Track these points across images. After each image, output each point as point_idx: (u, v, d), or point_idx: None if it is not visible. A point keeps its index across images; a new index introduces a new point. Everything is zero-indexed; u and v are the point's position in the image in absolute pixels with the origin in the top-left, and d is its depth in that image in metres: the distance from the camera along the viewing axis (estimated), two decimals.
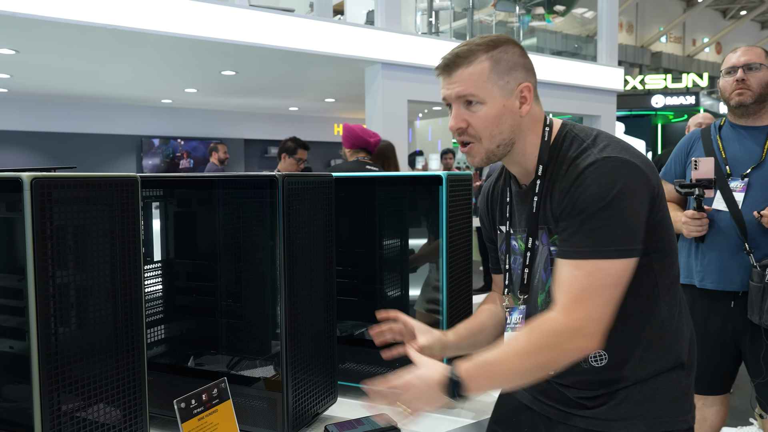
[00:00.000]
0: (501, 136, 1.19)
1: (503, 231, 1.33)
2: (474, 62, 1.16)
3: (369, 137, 3.56)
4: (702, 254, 2.28)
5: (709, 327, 2.29)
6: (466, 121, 1.18)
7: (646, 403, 1.17)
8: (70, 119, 10.50)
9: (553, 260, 1.17)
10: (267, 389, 1.35)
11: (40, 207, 0.94)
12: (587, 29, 10.26)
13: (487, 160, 1.21)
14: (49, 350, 0.95)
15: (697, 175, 2.15)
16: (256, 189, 1.48)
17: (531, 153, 1.22)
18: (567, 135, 1.20)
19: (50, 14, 4.66)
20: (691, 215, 2.20)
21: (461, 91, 1.17)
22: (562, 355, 1.09)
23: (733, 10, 29.40)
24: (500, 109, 1.17)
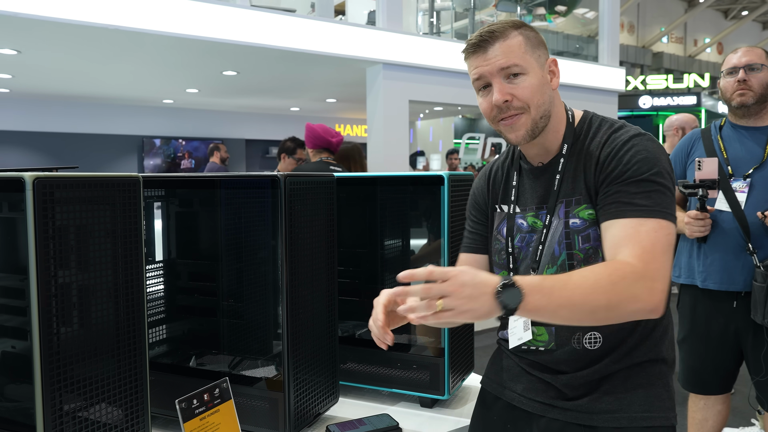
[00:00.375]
0: (544, 107, 1.20)
1: (504, 210, 1.32)
2: (509, 36, 1.18)
3: (331, 137, 3.60)
4: (704, 255, 2.28)
5: (711, 327, 2.29)
6: (511, 94, 1.17)
7: (628, 397, 1.17)
8: (71, 119, 10.51)
9: (569, 234, 1.19)
10: (269, 389, 1.35)
11: (42, 207, 0.94)
12: (588, 29, 10.26)
13: (532, 132, 1.20)
14: (51, 350, 0.95)
15: (701, 175, 2.15)
16: (258, 189, 1.48)
17: (558, 130, 1.24)
18: (593, 119, 1.26)
19: (52, 14, 4.66)
20: (694, 215, 2.20)
21: (504, 63, 1.17)
22: (631, 302, 1.01)
23: (734, 11, 29.37)
24: (541, 79, 1.20)
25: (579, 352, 1.20)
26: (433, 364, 1.54)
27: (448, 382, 1.53)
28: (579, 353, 1.20)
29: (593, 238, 1.17)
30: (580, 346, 1.20)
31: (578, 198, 1.19)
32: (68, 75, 7.67)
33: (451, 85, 6.65)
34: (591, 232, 1.17)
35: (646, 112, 17.67)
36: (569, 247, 1.19)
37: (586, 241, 1.18)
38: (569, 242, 1.19)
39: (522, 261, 1.28)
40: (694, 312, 2.36)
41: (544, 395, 1.24)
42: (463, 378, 1.65)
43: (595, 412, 1.18)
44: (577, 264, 1.18)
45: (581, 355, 1.20)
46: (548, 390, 1.24)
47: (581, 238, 1.18)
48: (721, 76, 2.32)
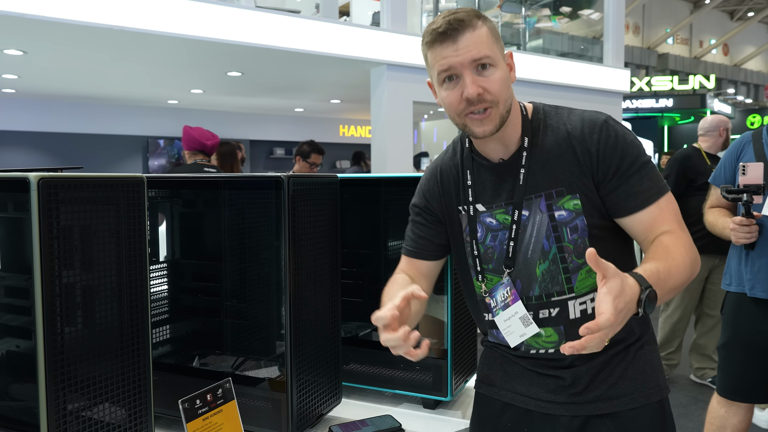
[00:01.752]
0: (509, 101, 1.19)
1: (466, 211, 1.27)
2: (477, 26, 1.14)
3: (205, 140, 3.77)
4: (752, 262, 2.24)
5: (755, 335, 2.26)
6: (482, 87, 1.14)
7: (640, 377, 1.22)
8: (76, 120, 10.54)
9: (557, 227, 1.18)
10: (271, 389, 1.35)
11: (47, 207, 0.94)
12: (593, 31, 10.24)
13: (500, 125, 1.17)
14: (55, 350, 0.96)
15: (745, 180, 2.12)
16: (262, 190, 1.48)
17: (516, 124, 1.22)
18: (546, 108, 1.26)
19: (57, 15, 4.68)
20: (739, 222, 2.17)
21: (476, 54, 1.12)
22: (697, 265, 1.16)
23: (740, 12, 29.28)
24: (506, 72, 1.18)
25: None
26: (436, 366, 1.54)
27: (451, 383, 1.53)
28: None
29: (581, 228, 1.17)
30: None
31: (559, 190, 1.18)
32: (73, 75, 7.70)
33: None
34: (578, 222, 1.17)
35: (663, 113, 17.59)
36: (558, 239, 1.18)
37: (574, 231, 1.17)
38: (557, 235, 1.18)
39: (498, 260, 1.24)
40: (738, 318, 2.32)
41: (560, 394, 1.23)
42: (465, 380, 1.65)
43: (615, 398, 1.20)
44: (568, 256, 1.18)
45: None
46: (563, 388, 1.23)
47: (569, 229, 1.17)
48: None
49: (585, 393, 1.21)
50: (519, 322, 1.23)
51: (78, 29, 4.94)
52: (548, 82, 7.78)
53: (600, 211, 1.18)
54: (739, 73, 30.51)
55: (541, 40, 9.73)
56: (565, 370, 1.22)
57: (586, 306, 1.19)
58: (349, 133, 13.43)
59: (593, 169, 1.16)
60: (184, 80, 8.13)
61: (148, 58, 6.31)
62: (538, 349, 1.24)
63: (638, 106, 17.65)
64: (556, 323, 1.21)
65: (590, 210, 1.17)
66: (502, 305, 1.24)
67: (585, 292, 1.19)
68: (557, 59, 8.35)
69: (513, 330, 1.24)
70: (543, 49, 9.45)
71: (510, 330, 1.25)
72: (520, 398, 1.29)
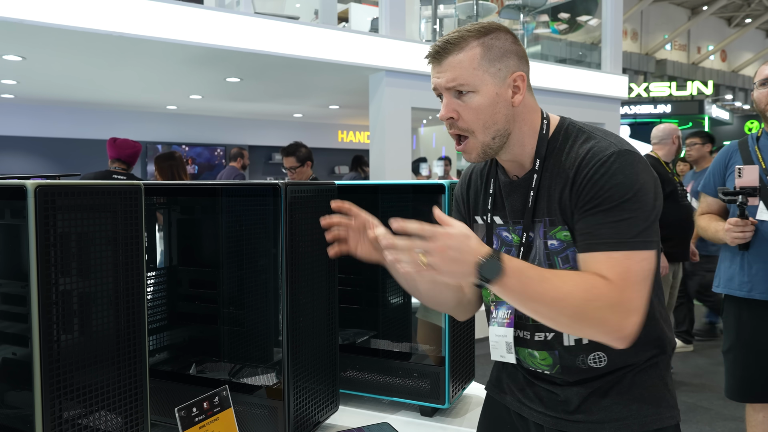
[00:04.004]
0: (495, 127, 1.14)
1: (483, 221, 1.28)
2: (465, 49, 1.12)
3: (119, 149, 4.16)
4: (748, 265, 2.29)
5: (758, 337, 2.30)
6: (457, 112, 1.13)
7: (636, 403, 1.16)
8: (75, 125, 10.55)
9: (550, 255, 1.15)
10: (268, 397, 1.34)
11: (43, 215, 0.94)
12: (592, 37, 10.27)
13: (484, 154, 1.16)
14: (51, 357, 0.96)
15: (742, 182, 2.17)
16: (259, 197, 1.48)
17: (528, 144, 1.18)
18: (569, 128, 1.18)
19: (56, 21, 4.69)
20: (734, 222, 2.21)
21: (451, 79, 1.12)
22: (597, 325, 1.03)
23: (738, 18, 29.39)
24: (493, 98, 1.13)
25: (585, 371, 1.19)
26: (434, 373, 1.53)
27: (449, 390, 1.52)
28: (585, 372, 1.19)
29: (572, 259, 1.13)
30: (585, 365, 1.18)
31: (553, 219, 1.15)
32: (72, 81, 7.70)
33: None
34: (569, 253, 1.14)
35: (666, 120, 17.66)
36: (551, 267, 1.16)
37: (566, 262, 1.14)
38: (550, 263, 1.16)
39: None
40: (740, 321, 2.36)
41: (553, 410, 1.22)
42: (463, 387, 1.65)
43: (606, 422, 1.17)
44: None
45: (587, 372, 1.19)
46: (556, 404, 1.22)
47: (560, 259, 1.15)
48: (755, 88, 2.33)
49: (576, 413, 1.19)
50: (504, 346, 1.24)
51: (77, 35, 4.95)
52: (546, 88, 7.80)
53: None
54: (736, 79, 30.60)
55: (540, 47, 9.76)
56: (558, 386, 1.22)
57: None
58: (348, 139, 13.44)
59: (575, 199, 1.12)
60: (183, 86, 8.14)
61: (147, 63, 6.32)
62: (535, 368, 1.25)
63: (636, 112, 17.69)
64: (551, 347, 1.20)
65: None
66: (500, 321, 1.25)
67: None
68: (555, 65, 8.37)
69: (497, 347, 1.25)
70: (541, 55, 9.48)
71: (496, 345, 1.25)
72: (518, 405, 1.30)
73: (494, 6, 8.96)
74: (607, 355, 1.17)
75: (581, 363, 1.18)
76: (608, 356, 1.17)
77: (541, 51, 9.69)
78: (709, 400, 4.01)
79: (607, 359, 1.17)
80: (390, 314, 1.77)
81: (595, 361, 1.17)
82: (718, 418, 3.73)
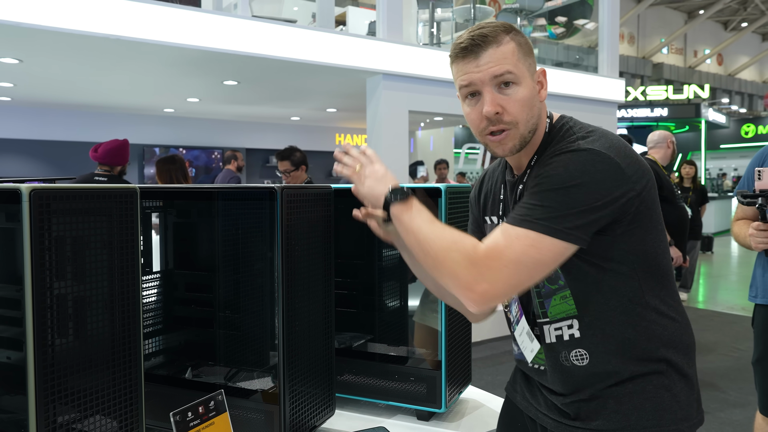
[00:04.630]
0: (533, 120, 1.15)
1: (494, 222, 1.29)
2: (503, 42, 1.11)
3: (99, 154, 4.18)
4: None
5: None
6: (501, 106, 1.11)
7: (636, 413, 1.14)
8: (72, 128, 10.54)
9: None
10: (264, 401, 1.34)
11: (38, 218, 0.94)
12: (588, 40, 10.30)
13: (520, 147, 1.15)
14: (45, 361, 0.95)
15: (761, 185, 2.10)
16: (256, 201, 1.48)
17: (536, 142, 1.19)
18: (563, 127, 1.19)
19: (53, 24, 4.69)
20: (756, 227, 2.15)
21: (498, 71, 1.10)
22: (450, 276, 1.06)
23: (734, 22, 29.52)
24: (532, 91, 1.14)
25: (570, 369, 1.18)
26: (430, 377, 1.53)
27: (445, 395, 1.52)
28: (570, 371, 1.18)
29: None
30: (568, 362, 1.18)
31: None
32: (69, 84, 7.70)
33: (451, 96, 6.65)
34: None
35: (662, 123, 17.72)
36: None
37: None
38: None
39: None
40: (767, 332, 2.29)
41: (555, 414, 1.23)
42: (460, 391, 1.64)
43: (603, 430, 1.16)
44: (541, 281, 1.16)
45: (573, 373, 1.18)
46: (556, 409, 1.23)
47: None
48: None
49: (575, 420, 1.19)
50: (527, 338, 1.24)
51: (74, 38, 4.95)
52: None
53: None
54: (733, 82, 30.71)
55: (537, 50, 9.79)
56: (557, 395, 1.22)
57: (562, 332, 1.18)
58: (345, 142, 13.44)
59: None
60: (181, 89, 8.14)
61: (144, 66, 6.32)
62: (534, 364, 1.26)
63: (633, 116, 17.74)
64: (540, 343, 1.23)
65: None
66: (515, 320, 1.27)
67: (559, 318, 1.18)
68: (553, 68, 8.39)
69: (525, 345, 1.26)
70: (539, 58, 9.50)
71: (524, 345, 1.26)
72: (526, 405, 1.32)
73: (491, 9, 8.99)
74: (588, 354, 1.16)
75: (564, 360, 1.19)
76: (590, 355, 1.16)
77: (538, 54, 9.71)
78: (706, 403, 4.02)
79: (589, 357, 1.16)
80: (386, 318, 1.76)
81: (577, 359, 1.17)
82: (715, 422, 3.73)
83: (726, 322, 5.73)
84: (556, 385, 1.21)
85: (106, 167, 4.16)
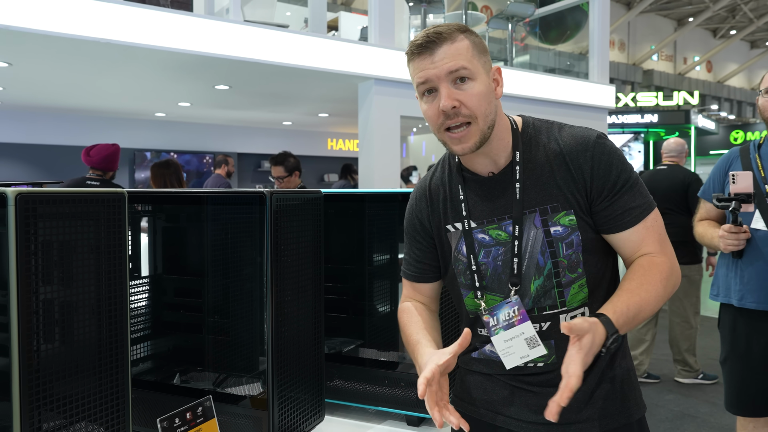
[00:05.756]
0: (491, 116, 1.17)
1: (458, 229, 1.26)
2: (456, 39, 1.14)
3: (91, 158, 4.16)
4: (741, 273, 2.26)
5: (752, 347, 2.26)
6: (458, 100, 1.13)
7: (620, 396, 1.22)
8: (62, 132, 10.48)
9: (552, 242, 1.17)
10: (253, 407, 1.33)
11: (24, 222, 0.93)
12: (579, 47, 10.37)
13: (481, 143, 1.16)
14: (30, 367, 0.94)
15: (736, 189, 2.14)
16: (245, 205, 1.47)
17: (503, 138, 1.21)
18: (534, 123, 1.25)
19: (43, 28, 4.66)
20: (727, 229, 2.19)
21: (453, 66, 1.13)
22: (675, 288, 1.20)
23: (723, 30, 29.81)
24: (488, 87, 1.16)
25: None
26: None
27: None
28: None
29: (576, 244, 1.17)
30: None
31: (555, 206, 1.17)
32: (60, 88, 7.66)
33: None
34: (574, 237, 1.17)
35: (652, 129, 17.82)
36: (553, 255, 1.17)
37: (570, 247, 1.17)
38: (553, 250, 1.17)
39: (492, 277, 1.23)
40: (734, 332, 2.32)
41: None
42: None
43: (597, 419, 1.18)
44: (562, 271, 1.17)
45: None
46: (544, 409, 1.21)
47: (565, 245, 1.17)
48: (760, 95, 2.31)
49: (573, 413, 1.18)
50: (523, 344, 1.20)
51: (64, 41, 4.92)
52: (535, 97, 7.85)
53: (592, 226, 1.19)
54: (722, 89, 30.99)
55: (528, 56, 9.84)
56: (552, 389, 1.17)
57: None
58: (337, 147, 13.45)
59: (587, 185, 1.17)
60: (172, 93, 8.11)
61: (135, 70, 6.30)
62: (527, 363, 1.22)
63: (624, 122, 17.84)
64: (546, 337, 1.19)
65: (584, 226, 1.18)
66: (505, 325, 1.20)
67: (576, 306, 1.19)
68: (544, 75, 8.43)
69: (513, 351, 1.20)
70: (530, 64, 9.55)
71: (509, 351, 1.21)
72: (502, 418, 1.27)
73: (483, 16, 9.04)
74: None
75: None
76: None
77: (529, 60, 9.76)
78: (695, 408, 4.03)
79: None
80: (377, 323, 1.76)
81: None
82: (705, 426, 3.74)
83: (713, 327, 5.76)
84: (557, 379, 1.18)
85: (99, 172, 4.14)
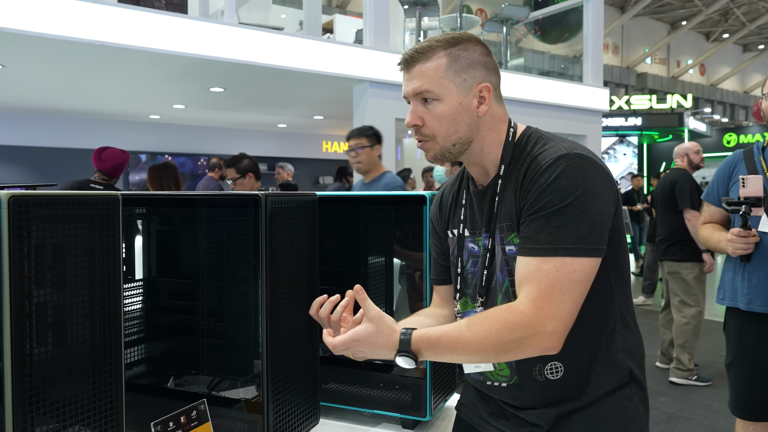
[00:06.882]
0: (457, 135, 1.18)
1: (455, 234, 1.30)
2: (432, 58, 1.16)
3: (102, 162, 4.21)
4: (749, 277, 2.25)
5: (758, 352, 2.25)
6: (422, 119, 1.18)
7: (601, 424, 1.15)
8: (56, 134, 10.45)
9: (508, 260, 1.16)
10: (247, 410, 1.33)
11: (17, 225, 0.92)
12: (574, 50, 10.40)
13: (442, 157, 1.20)
14: (23, 371, 0.94)
15: (746, 192, 2.14)
16: (239, 208, 1.47)
17: (491, 152, 1.21)
18: (531, 135, 1.20)
19: (37, 29, 4.65)
20: (737, 233, 2.18)
21: (417, 88, 1.17)
22: (522, 350, 1.06)
23: (715, 33, 29.97)
24: (456, 107, 1.16)
25: (543, 384, 1.17)
26: (415, 385, 1.53)
27: (430, 403, 1.52)
28: (543, 385, 1.17)
29: None
30: (542, 377, 1.17)
31: (509, 224, 1.16)
32: (54, 90, 7.63)
33: None
34: None
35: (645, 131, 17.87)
36: (510, 273, 1.16)
37: None
38: (509, 269, 1.16)
39: (474, 286, 1.25)
40: (741, 335, 2.31)
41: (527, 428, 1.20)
42: (445, 399, 1.64)
43: None
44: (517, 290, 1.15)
45: (546, 387, 1.17)
46: (529, 425, 1.20)
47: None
48: (763, 99, 2.30)
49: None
50: None
51: (58, 43, 4.91)
52: (529, 100, 7.87)
53: None
54: (715, 92, 31.16)
55: (523, 59, 9.86)
56: (525, 411, 1.20)
57: None
58: (332, 149, 13.45)
59: (521, 202, 1.13)
60: (167, 95, 8.10)
61: (129, 73, 6.28)
62: (493, 381, 1.23)
63: (618, 125, 17.91)
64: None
65: None
66: None
67: None
68: (538, 78, 8.46)
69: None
70: (525, 67, 9.58)
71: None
72: (484, 425, 1.29)
73: (478, 19, 9.07)
74: (563, 366, 1.15)
75: (538, 374, 1.17)
76: (564, 367, 1.15)
77: (524, 63, 9.79)
78: (689, 410, 4.05)
79: (564, 370, 1.15)
80: None
81: (551, 372, 1.16)
82: (699, 429, 3.75)
83: (709, 329, 5.78)
84: (525, 399, 1.19)
85: (106, 177, 4.12)
